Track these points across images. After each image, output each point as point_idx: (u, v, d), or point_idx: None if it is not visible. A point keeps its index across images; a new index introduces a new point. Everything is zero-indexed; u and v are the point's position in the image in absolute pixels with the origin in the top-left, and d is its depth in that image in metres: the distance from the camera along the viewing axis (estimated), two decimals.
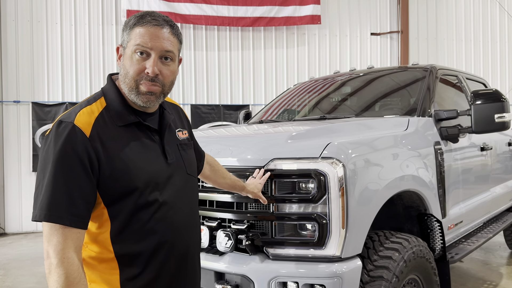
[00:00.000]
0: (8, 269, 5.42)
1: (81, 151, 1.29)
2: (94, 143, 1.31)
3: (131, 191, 1.36)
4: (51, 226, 1.25)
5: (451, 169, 3.17)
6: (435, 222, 2.79)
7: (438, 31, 9.90)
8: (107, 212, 1.36)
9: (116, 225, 1.37)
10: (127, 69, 1.40)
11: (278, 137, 2.60)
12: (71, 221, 1.25)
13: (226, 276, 2.27)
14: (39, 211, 1.26)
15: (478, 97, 3.03)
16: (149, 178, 1.40)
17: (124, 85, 1.42)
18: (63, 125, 1.31)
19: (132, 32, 1.40)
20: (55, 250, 1.23)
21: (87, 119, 1.34)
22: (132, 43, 1.38)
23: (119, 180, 1.34)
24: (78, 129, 1.30)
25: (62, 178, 1.26)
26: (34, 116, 7.91)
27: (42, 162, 1.31)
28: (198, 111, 8.60)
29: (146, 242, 1.40)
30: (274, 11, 8.78)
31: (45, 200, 1.25)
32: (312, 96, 4.21)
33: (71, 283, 1.23)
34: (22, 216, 7.86)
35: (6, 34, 7.88)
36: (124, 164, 1.35)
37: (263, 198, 2.14)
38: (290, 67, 9.14)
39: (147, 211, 1.40)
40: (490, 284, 4.34)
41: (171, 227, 1.46)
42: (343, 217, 2.10)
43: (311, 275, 2.09)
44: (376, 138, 2.59)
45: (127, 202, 1.36)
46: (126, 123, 1.41)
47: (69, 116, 1.34)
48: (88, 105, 1.40)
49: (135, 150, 1.40)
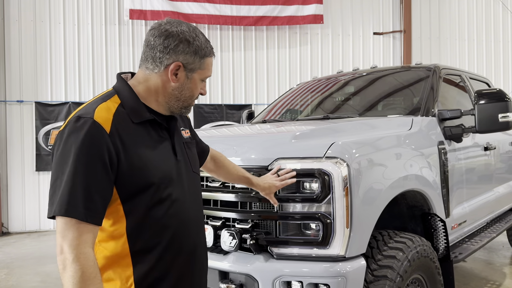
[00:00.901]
0: (11, 268, 5.44)
1: (102, 146, 1.29)
2: (113, 138, 1.32)
3: (147, 187, 1.38)
4: (67, 222, 1.24)
5: (454, 168, 3.16)
6: (439, 221, 2.79)
7: (441, 30, 9.89)
8: (122, 208, 1.37)
9: (131, 221, 1.38)
10: (192, 91, 1.51)
11: (282, 137, 2.61)
12: (88, 216, 1.26)
13: (231, 275, 2.28)
14: (58, 206, 1.24)
15: (482, 96, 3.03)
16: (163, 174, 1.43)
17: (179, 102, 1.50)
18: (82, 121, 1.31)
19: (205, 62, 1.50)
20: (70, 245, 1.24)
21: (106, 115, 1.35)
22: (204, 74, 1.52)
23: (136, 176, 1.36)
24: (98, 125, 1.31)
25: (83, 174, 1.26)
26: (37, 115, 7.93)
27: (59, 158, 1.29)
28: (200, 110, 8.61)
29: (160, 237, 1.42)
30: (277, 10, 8.78)
31: (66, 195, 1.24)
32: (315, 95, 4.21)
33: (87, 278, 1.23)
34: (25, 215, 7.88)
35: (10, 34, 7.91)
36: (141, 160, 1.37)
37: (274, 200, 2.10)
38: (292, 67, 9.14)
39: (161, 207, 1.42)
40: (493, 283, 4.33)
41: (183, 223, 1.49)
42: (347, 216, 2.10)
43: (315, 274, 2.09)
44: (380, 137, 2.59)
45: (143, 198, 1.38)
46: (142, 120, 1.44)
47: (87, 111, 1.34)
48: (104, 102, 1.40)
49: (150, 146, 1.43)
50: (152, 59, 1.44)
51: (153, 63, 1.45)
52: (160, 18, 8.27)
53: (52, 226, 7.94)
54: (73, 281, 1.21)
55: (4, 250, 6.48)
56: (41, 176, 7.95)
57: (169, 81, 1.46)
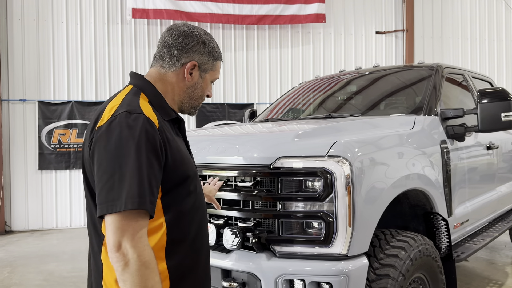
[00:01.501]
0: (14, 267, 5.46)
1: (156, 142, 1.32)
2: (162, 134, 1.37)
3: (185, 178, 1.45)
4: (128, 217, 1.23)
5: (457, 167, 3.16)
6: (441, 220, 2.79)
7: (444, 29, 9.87)
8: (161, 202, 1.38)
9: (169, 214, 1.40)
10: (203, 92, 1.61)
11: (284, 136, 2.61)
12: (151, 209, 1.27)
13: (233, 274, 2.29)
14: (128, 199, 1.22)
15: (485, 95, 3.02)
16: (193, 168, 1.53)
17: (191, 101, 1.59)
18: (133, 116, 1.32)
19: (217, 64, 1.61)
20: (133, 239, 1.22)
21: (151, 111, 1.39)
22: (215, 75, 1.61)
23: (177, 169, 1.41)
24: (150, 120, 1.34)
25: (145, 167, 1.27)
26: (40, 114, 7.95)
27: (113, 153, 1.27)
28: (202, 109, 8.61)
29: (190, 228, 1.47)
30: (280, 9, 8.78)
31: (135, 188, 1.24)
32: (317, 94, 4.21)
33: (151, 271, 1.25)
34: (28, 214, 7.91)
35: (13, 33, 7.93)
36: (179, 154, 1.43)
37: (216, 203, 2.24)
38: (295, 66, 9.14)
39: (190, 199, 1.48)
40: (495, 283, 4.33)
41: (204, 215, 1.57)
42: (349, 215, 2.10)
43: (318, 273, 2.10)
44: (383, 136, 2.59)
45: (179, 191, 1.43)
46: (170, 118, 1.51)
47: (133, 107, 1.36)
48: (139, 98, 1.44)
49: (179, 142, 1.50)
50: (169, 57, 1.52)
51: (170, 62, 1.52)
52: (163, 17, 8.29)
53: (55, 224, 7.97)
54: (140, 273, 1.21)
55: (7, 249, 6.50)
56: (44, 175, 7.98)
57: (184, 80, 1.54)
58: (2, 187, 7.73)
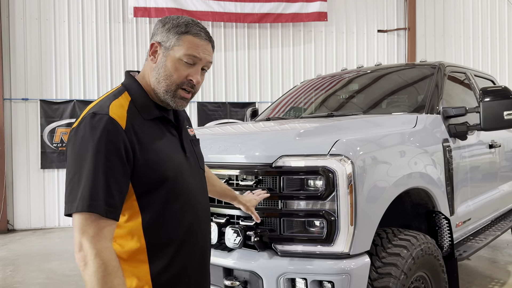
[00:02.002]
0: (17, 265, 5.48)
1: (119, 142, 1.30)
2: (129, 134, 1.34)
3: (163, 181, 1.40)
4: (87, 218, 1.24)
5: (459, 166, 3.16)
6: (443, 219, 2.79)
7: (446, 28, 9.84)
8: (137, 204, 1.38)
9: (147, 217, 1.39)
10: (170, 71, 1.45)
11: (286, 134, 2.61)
12: (109, 211, 1.26)
13: (235, 272, 2.29)
14: (80, 202, 1.24)
15: (487, 94, 3.02)
16: (177, 169, 1.46)
17: (160, 85, 1.46)
18: (97, 117, 1.32)
19: (183, 38, 1.45)
20: (92, 241, 1.23)
21: (120, 111, 1.37)
22: (183, 50, 1.44)
23: (152, 170, 1.38)
24: (114, 121, 1.32)
25: (102, 169, 1.26)
26: (42, 113, 7.96)
27: (75, 155, 1.30)
28: (204, 108, 8.62)
29: (176, 233, 1.44)
30: (281, 7, 8.77)
31: (87, 191, 1.25)
32: (319, 93, 4.21)
33: (110, 272, 1.23)
34: (30, 212, 7.93)
35: (15, 32, 7.94)
36: (156, 155, 1.39)
37: (255, 215, 2.15)
38: (296, 65, 9.13)
39: (176, 202, 1.44)
40: (497, 282, 4.32)
41: (197, 219, 1.51)
42: (351, 214, 2.10)
43: (320, 271, 2.10)
44: (385, 135, 2.59)
45: (158, 193, 1.40)
46: (152, 117, 1.46)
47: (102, 108, 1.36)
48: (116, 99, 1.42)
49: (162, 142, 1.45)
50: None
51: (148, 53, 1.52)
52: (164, 15, 8.24)
53: (57, 223, 7.99)
54: (97, 275, 1.21)
55: (10, 247, 6.52)
56: (46, 173, 8.00)
57: (152, 65, 1.48)
58: (5, 186, 7.75)
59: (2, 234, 7.55)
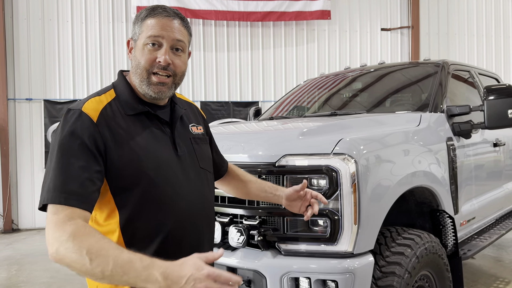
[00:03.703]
0: (22, 264, 5.50)
1: (86, 134, 1.29)
2: (101, 128, 1.32)
3: (140, 179, 1.34)
4: (55, 211, 1.21)
5: (463, 165, 3.14)
6: (448, 218, 2.78)
7: (449, 26, 9.80)
8: (114, 201, 1.34)
9: (124, 215, 1.34)
10: (138, 60, 1.41)
11: (289, 133, 2.61)
12: (77, 201, 1.22)
13: (238, 272, 2.28)
14: (46, 194, 1.24)
15: (491, 92, 3.00)
16: (158, 167, 1.38)
17: (136, 76, 1.43)
18: (71, 113, 1.34)
19: (143, 24, 1.42)
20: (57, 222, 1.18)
21: (95, 106, 1.37)
22: (144, 34, 1.41)
23: (127, 167, 1.33)
24: (84, 115, 1.32)
25: (67, 160, 1.26)
26: (46, 113, 7.99)
27: (50, 150, 1.34)
28: (207, 108, 8.63)
29: (155, 234, 1.37)
30: (285, 5, 8.75)
31: (52, 183, 1.24)
32: (322, 92, 4.20)
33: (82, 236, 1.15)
34: (35, 212, 7.95)
35: (18, 32, 7.97)
36: (133, 152, 1.35)
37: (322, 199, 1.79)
38: (299, 63, 9.11)
39: (156, 203, 1.36)
40: (502, 281, 4.31)
41: (182, 221, 1.42)
42: (355, 213, 2.10)
43: (323, 270, 2.09)
44: (388, 134, 2.58)
45: (137, 191, 1.34)
46: (136, 112, 1.42)
47: (78, 104, 1.38)
48: (98, 96, 1.43)
49: (145, 139, 1.39)
50: None
51: None
52: None
53: None
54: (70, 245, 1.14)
55: (15, 247, 6.55)
56: None
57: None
58: (9, 185, 7.78)
59: (7, 233, 7.59)
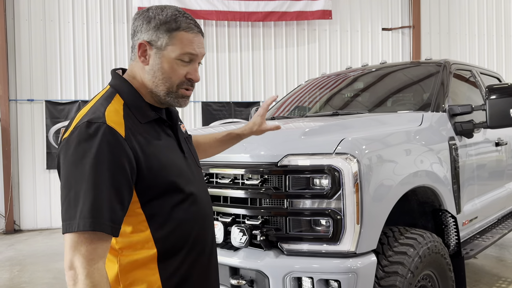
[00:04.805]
0: (24, 265, 5.51)
1: (120, 153, 1.22)
2: (130, 142, 1.26)
3: (168, 186, 1.34)
4: (79, 236, 1.16)
5: (465, 164, 3.14)
6: (450, 217, 2.77)
7: (451, 25, 9.79)
8: (142, 212, 1.31)
9: (156, 225, 1.33)
10: (168, 74, 1.37)
11: (291, 133, 2.60)
12: (113, 228, 1.19)
13: (241, 271, 2.29)
14: (81, 220, 1.15)
15: (493, 91, 3.00)
16: (180, 172, 1.39)
17: (159, 88, 1.38)
18: (94, 126, 1.22)
19: (175, 36, 1.35)
20: (84, 260, 1.15)
21: (117, 118, 1.28)
22: (178, 49, 1.36)
23: (157, 177, 1.30)
24: (113, 130, 1.24)
25: (104, 184, 1.18)
26: (47, 114, 8.00)
27: (71, 168, 1.20)
28: (209, 108, 8.63)
29: (187, 237, 1.39)
30: (286, 5, 8.75)
31: (87, 208, 1.16)
32: (324, 92, 4.20)
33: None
34: (36, 213, 7.97)
35: (20, 33, 7.98)
36: (158, 160, 1.32)
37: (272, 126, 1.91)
38: (301, 63, 9.11)
39: (183, 206, 1.38)
40: (505, 280, 4.30)
41: (204, 221, 1.47)
42: (357, 213, 2.10)
43: (326, 270, 2.09)
44: (390, 133, 2.58)
45: (165, 199, 1.33)
46: (149, 120, 1.38)
47: (97, 116, 1.26)
48: (110, 104, 1.33)
49: (162, 146, 1.38)
50: (132, 48, 1.42)
51: (132, 52, 1.42)
52: None
53: None
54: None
55: (17, 247, 6.56)
56: (52, 174, 8.02)
57: (143, 66, 1.39)
58: (11, 186, 7.79)
59: (9, 234, 7.60)
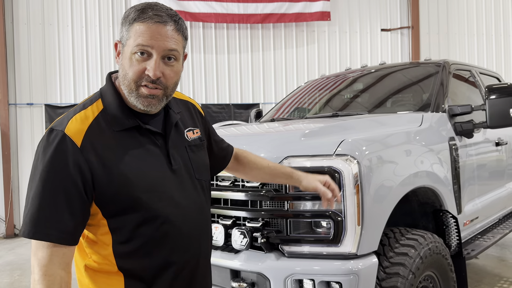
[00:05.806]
0: (24, 269, 5.50)
1: (71, 163, 1.19)
2: (86, 153, 1.21)
3: (133, 202, 1.25)
4: (37, 241, 1.19)
5: (466, 164, 3.14)
6: (451, 218, 2.77)
7: (449, 26, 9.79)
8: (107, 224, 1.26)
9: (118, 239, 1.27)
10: (126, 70, 1.27)
11: (291, 135, 2.60)
12: (58, 238, 1.18)
13: (242, 274, 2.28)
14: (27, 227, 1.18)
15: (493, 91, 3.00)
16: (152, 187, 1.28)
17: (124, 86, 1.30)
18: (53, 134, 1.22)
19: (131, 29, 1.26)
20: (38, 265, 1.18)
21: (80, 126, 1.24)
22: (132, 42, 1.25)
23: (118, 191, 1.23)
24: (68, 139, 1.20)
25: (49, 193, 1.18)
26: (47, 118, 7.99)
27: (31, 173, 1.23)
28: (208, 110, 8.62)
29: (152, 258, 1.30)
30: (285, 7, 8.76)
31: (30, 216, 1.18)
32: (323, 93, 4.20)
33: None
34: None
35: (19, 37, 7.98)
36: (122, 174, 1.24)
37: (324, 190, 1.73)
38: (300, 65, 9.11)
39: (152, 225, 1.28)
40: (506, 280, 4.29)
41: (181, 239, 1.35)
42: (358, 214, 2.09)
43: (327, 272, 2.09)
44: (390, 134, 2.57)
45: (130, 215, 1.26)
46: (124, 128, 1.29)
47: (61, 123, 1.25)
48: (83, 110, 1.29)
49: (136, 157, 1.28)
50: None
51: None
52: None
53: None
54: None
55: (17, 252, 6.54)
56: None
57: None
58: (11, 190, 7.78)
59: (9, 238, 7.59)
